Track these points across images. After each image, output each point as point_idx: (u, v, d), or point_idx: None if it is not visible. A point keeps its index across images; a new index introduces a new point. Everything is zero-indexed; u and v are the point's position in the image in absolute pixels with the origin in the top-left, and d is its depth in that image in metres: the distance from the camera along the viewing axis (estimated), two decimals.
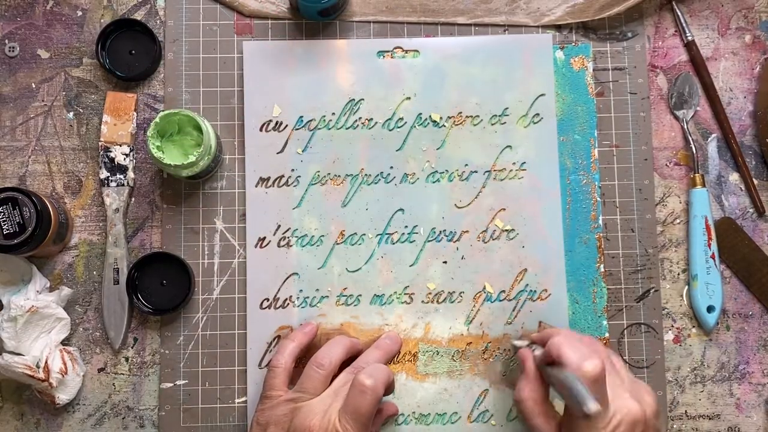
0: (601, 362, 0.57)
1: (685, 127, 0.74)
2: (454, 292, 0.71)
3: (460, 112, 0.73)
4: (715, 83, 0.74)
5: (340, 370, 0.65)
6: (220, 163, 0.71)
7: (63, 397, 0.69)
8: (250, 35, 0.74)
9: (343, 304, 0.71)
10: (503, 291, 0.71)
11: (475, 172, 0.72)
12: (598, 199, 0.72)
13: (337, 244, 0.71)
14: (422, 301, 0.71)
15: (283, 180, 0.72)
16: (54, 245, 0.69)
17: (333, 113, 0.72)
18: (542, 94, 0.73)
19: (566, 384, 0.55)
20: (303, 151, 0.72)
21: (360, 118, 0.73)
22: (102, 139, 0.72)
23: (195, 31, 0.74)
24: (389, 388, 0.65)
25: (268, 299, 0.71)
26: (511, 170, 0.72)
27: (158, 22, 0.74)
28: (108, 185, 0.71)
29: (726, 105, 0.74)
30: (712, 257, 0.71)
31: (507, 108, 0.73)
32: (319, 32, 0.74)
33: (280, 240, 0.71)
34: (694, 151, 0.73)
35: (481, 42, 0.74)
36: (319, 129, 0.72)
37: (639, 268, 0.72)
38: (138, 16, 0.74)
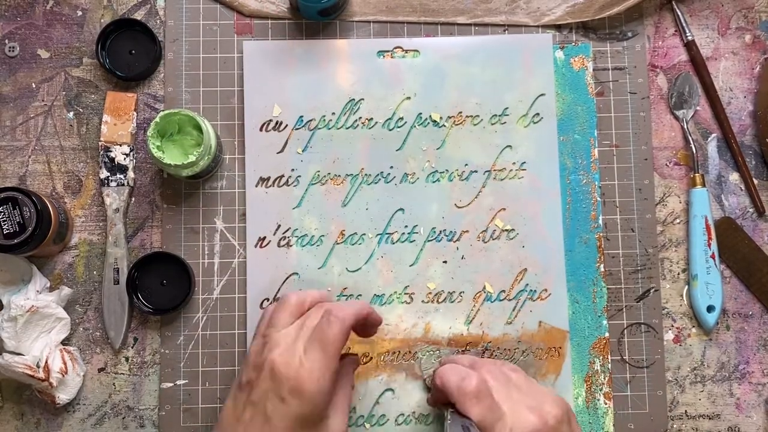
0: (478, 377, 0.59)
1: (685, 126, 0.74)
2: (454, 291, 0.71)
3: (460, 112, 0.73)
4: (715, 83, 0.74)
5: None
6: (220, 162, 0.71)
7: (63, 397, 0.69)
8: (250, 35, 0.74)
9: None
10: (503, 291, 0.71)
11: (475, 171, 0.72)
12: (598, 198, 0.72)
13: (337, 243, 0.71)
14: (422, 301, 0.71)
15: (283, 180, 0.72)
16: (54, 245, 0.69)
17: (333, 113, 0.73)
18: (542, 94, 0.73)
19: None
20: (303, 150, 0.72)
21: (360, 117, 0.73)
22: (102, 139, 0.72)
23: (195, 31, 0.74)
24: (369, 326, 0.64)
25: (268, 299, 0.71)
26: (511, 170, 0.72)
27: (158, 22, 0.74)
28: (108, 185, 0.71)
29: (726, 105, 0.74)
30: (712, 257, 0.71)
31: (507, 108, 0.73)
32: (319, 32, 0.74)
33: (280, 240, 0.71)
34: (694, 151, 0.73)
35: (481, 42, 0.74)
36: (319, 129, 0.72)
37: (639, 268, 0.72)
38: (138, 16, 0.74)
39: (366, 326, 0.63)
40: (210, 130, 0.67)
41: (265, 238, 0.71)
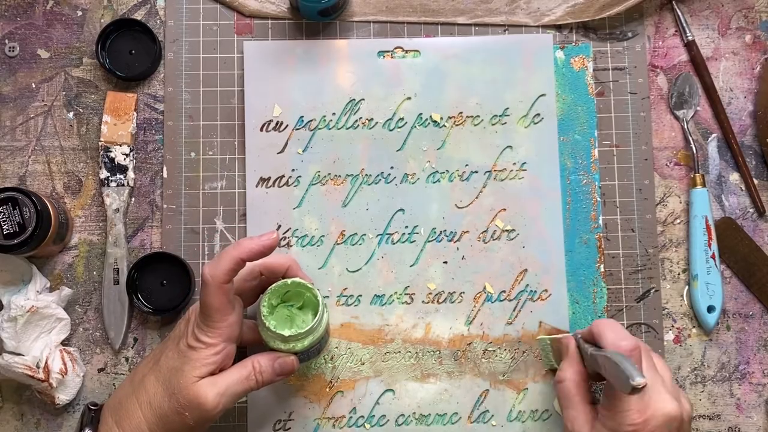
0: (637, 343, 0.58)
1: (686, 127, 0.74)
2: (454, 292, 0.71)
3: (461, 112, 0.73)
4: (715, 83, 0.74)
5: None
6: (323, 345, 0.68)
7: (63, 397, 0.68)
8: (250, 35, 0.74)
9: (343, 304, 0.71)
10: (503, 291, 0.71)
11: (476, 172, 0.72)
12: (598, 199, 0.72)
13: (338, 244, 0.71)
14: (422, 302, 0.71)
15: (284, 180, 0.72)
16: (54, 245, 0.69)
17: (333, 113, 0.72)
18: (543, 94, 0.73)
19: (611, 361, 0.56)
20: (303, 151, 0.72)
21: (360, 118, 0.72)
22: (102, 139, 0.72)
23: (195, 31, 0.74)
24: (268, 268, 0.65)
25: None
26: (511, 170, 0.72)
27: (158, 22, 0.74)
28: (108, 185, 0.71)
29: (726, 105, 0.74)
30: (713, 257, 0.71)
31: (507, 108, 0.73)
32: (319, 32, 0.74)
33: (280, 240, 0.71)
34: (695, 151, 0.73)
35: (482, 42, 0.74)
36: (320, 129, 0.72)
37: (639, 268, 0.72)
38: (138, 16, 0.74)
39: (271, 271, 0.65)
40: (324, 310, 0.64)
41: None
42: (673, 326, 0.72)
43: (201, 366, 0.60)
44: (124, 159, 0.71)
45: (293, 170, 0.72)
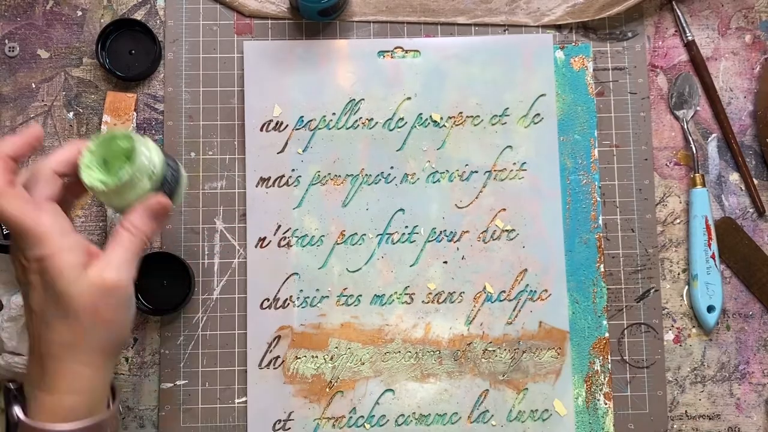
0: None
1: (685, 127, 0.74)
2: (454, 292, 0.71)
3: (461, 112, 0.73)
4: (715, 83, 0.74)
5: None
6: (179, 182, 0.61)
7: None
8: (250, 35, 0.74)
9: (343, 304, 0.71)
10: (503, 291, 0.71)
11: (476, 172, 0.72)
12: (598, 199, 0.72)
13: (338, 244, 0.71)
14: (422, 302, 0.71)
15: (284, 180, 0.72)
16: None
17: (333, 113, 0.72)
18: (542, 94, 0.73)
19: None
20: (303, 151, 0.72)
21: (360, 118, 0.73)
22: None
23: (195, 31, 0.74)
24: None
25: (268, 299, 0.71)
26: (511, 170, 0.72)
27: (158, 22, 0.74)
28: None
29: (726, 105, 0.74)
30: (712, 257, 0.71)
31: (507, 108, 0.73)
32: (319, 32, 0.74)
33: (280, 240, 0.71)
34: (694, 151, 0.73)
35: (482, 42, 0.74)
36: (320, 129, 0.72)
37: (639, 268, 0.72)
38: (138, 16, 0.74)
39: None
40: (150, 149, 0.58)
41: (265, 238, 0.71)
42: (673, 326, 0.72)
43: (71, 260, 0.53)
44: None
45: (293, 170, 0.72)
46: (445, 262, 0.71)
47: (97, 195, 0.57)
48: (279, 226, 0.71)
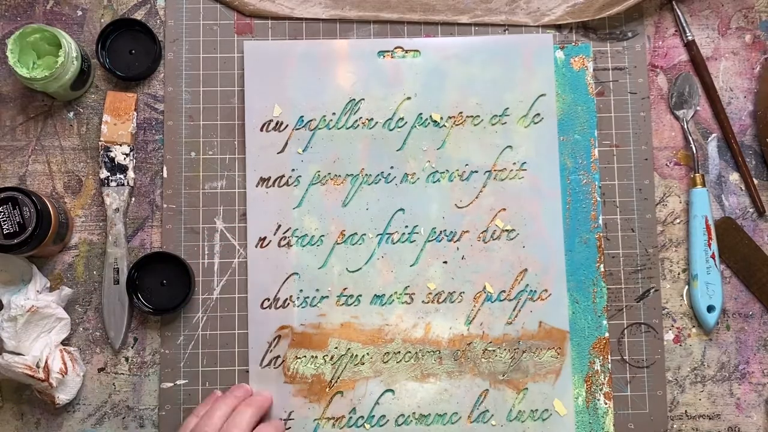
0: None
1: (685, 126, 0.74)
2: (454, 292, 0.71)
3: (461, 112, 0.73)
4: (715, 83, 0.74)
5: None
6: (92, 70, 0.73)
7: (63, 397, 0.68)
8: (251, 35, 0.74)
9: (343, 304, 0.71)
10: (503, 291, 0.71)
11: (476, 172, 0.72)
12: (598, 198, 0.72)
13: (338, 244, 0.71)
14: (422, 301, 0.71)
15: (284, 180, 0.72)
16: (54, 245, 0.69)
17: (333, 113, 0.73)
18: (542, 94, 0.73)
19: None
20: (303, 150, 0.72)
21: (360, 118, 0.73)
22: (102, 138, 0.72)
23: (195, 30, 0.74)
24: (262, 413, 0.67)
25: (268, 299, 0.71)
26: (511, 170, 0.72)
27: (158, 22, 0.74)
28: (108, 185, 0.71)
29: (726, 105, 0.74)
30: (712, 257, 0.71)
31: (507, 108, 0.73)
32: (319, 32, 0.74)
33: (280, 240, 0.71)
34: (694, 151, 0.73)
35: (482, 42, 0.74)
36: (320, 129, 0.72)
37: (639, 268, 0.72)
38: (138, 16, 0.74)
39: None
40: (68, 41, 0.69)
41: (265, 238, 0.71)
42: (672, 326, 0.72)
43: None
44: (124, 159, 0.71)
45: (293, 170, 0.72)
46: (445, 262, 0.72)
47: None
48: (279, 226, 0.71)
